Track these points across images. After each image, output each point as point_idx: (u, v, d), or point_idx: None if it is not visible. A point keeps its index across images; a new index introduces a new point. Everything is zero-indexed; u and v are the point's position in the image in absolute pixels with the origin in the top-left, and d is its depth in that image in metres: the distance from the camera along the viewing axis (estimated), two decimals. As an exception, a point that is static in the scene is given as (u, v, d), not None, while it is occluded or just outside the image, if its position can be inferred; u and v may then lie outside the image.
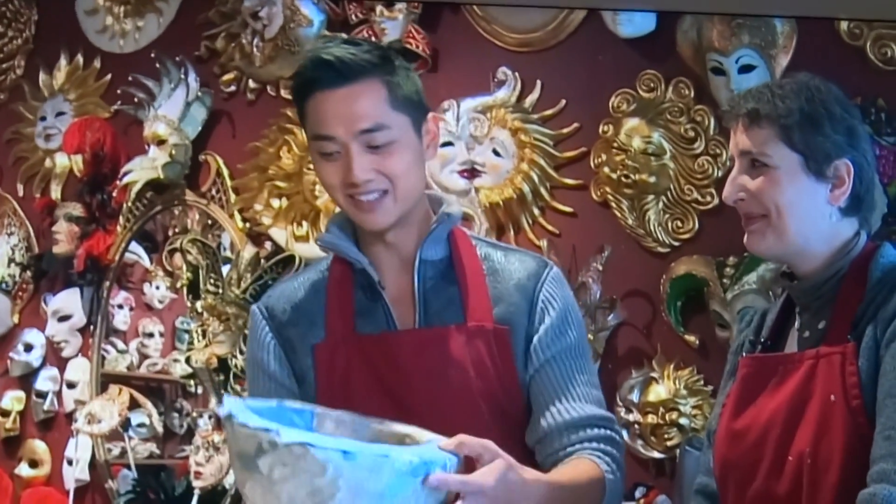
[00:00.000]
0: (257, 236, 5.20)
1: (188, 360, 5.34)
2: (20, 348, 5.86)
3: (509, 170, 4.60)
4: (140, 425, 5.60)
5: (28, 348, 5.86)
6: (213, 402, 5.30)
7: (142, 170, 5.39)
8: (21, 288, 6.03)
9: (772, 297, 3.79)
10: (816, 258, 2.44)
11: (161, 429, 5.63)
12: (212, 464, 4.98)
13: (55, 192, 5.93)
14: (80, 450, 5.52)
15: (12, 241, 6.06)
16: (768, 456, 2.37)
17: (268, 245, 5.16)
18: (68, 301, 5.77)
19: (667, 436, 4.18)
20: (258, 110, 5.32)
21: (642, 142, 4.31)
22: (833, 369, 2.31)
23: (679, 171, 4.29)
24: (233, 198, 5.29)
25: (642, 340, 4.36)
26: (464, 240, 2.56)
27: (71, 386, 5.73)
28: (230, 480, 4.99)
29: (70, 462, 5.57)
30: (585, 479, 2.34)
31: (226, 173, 5.34)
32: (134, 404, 5.50)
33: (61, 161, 5.89)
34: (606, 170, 4.36)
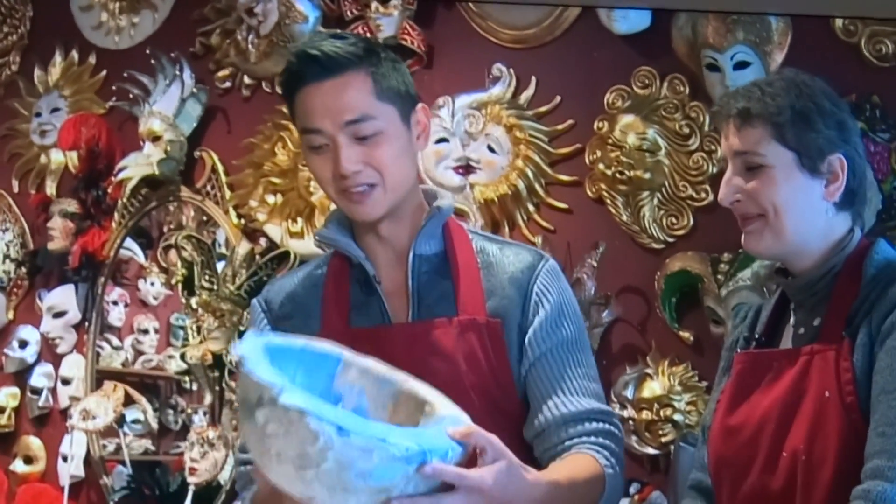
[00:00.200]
0: (252, 233, 5.20)
1: (183, 357, 5.33)
2: (15, 345, 5.86)
3: (504, 166, 4.59)
4: (135, 421, 5.59)
5: (23, 345, 5.86)
6: (207, 398, 5.30)
7: (137, 166, 5.38)
8: (16, 284, 6.03)
9: (766, 293, 3.78)
10: (812, 255, 2.44)
11: (156, 425, 5.61)
12: (206, 460, 4.97)
13: (50, 189, 5.92)
14: (74, 446, 5.51)
15: (7, 237, 6.05)
16: (763, 452, 2.38)
17: (263, 241, 5.15)
18: (63, 297, 5.76)
19: (661, 432, 4.17)
20: (253, 107, 5.31)
21: (637, 138, 4.31)
22: (827, 366, 2.31)
23: (674, 167, 4.29)
24: (228, 194, 5.28)
25: (637, 337, 4.36)
26: (459, 234, 2.57)
27: (66, 382, 5.72)
28: (225, 476, 5.00)
29: (65, 458, 5.56)
30: (584, 476, 2.34)
31: (221, 170, 5.33)
32: (129, 401, 5.48)
33: (56, 157, 5.89)
34: (601, 166, 4.36)
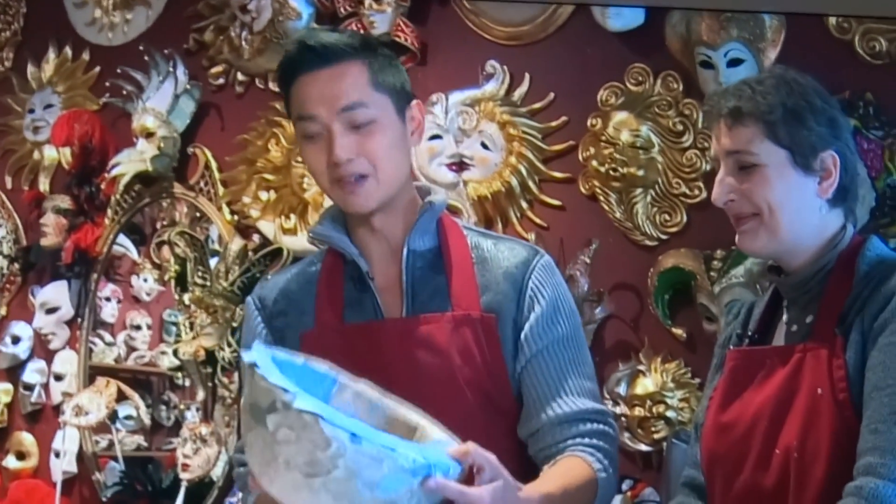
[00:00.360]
0: (245, 229, 5.20)
1: (176, 353, 5.33)
2: (8, 340, 5.86)
3: (498, 163, 4.59)
4: (127, 417, 5.60)
5: (15, 340, 5.85)
6: (200, 394, 5.30)
7: (130, 162, 5.38)
8: (9, 280, 6.02)
9: (759, 290, 3.78)
10: (806, 253, 2.44)
11: (148, 421, 5.61)
12: (199, 456, 4.98)
13: (43, 185, 5.91)
14: (67, 442, 5.51)
15: (0, 233, 6.05)
16: (755, 449, 2.38)
17: (256, 238, 5.15)
18: (56, 293, 5.76)
19: (654, 429, 4.17)
20: (247, 103, 5.31)
21: (630, 135, 4.31)
22: (820, 363, 2.31)
23: (667, 164, 4.29)
24: (221, 190, 5.28)
25: (630, 333, 4.36)
26: (453, 229, 2.57)
27: (58, 378, 5.72)
28: (217, 473, 5.00)
29: (57, 454, 5.55)
30: (577, 483, 2.35)
31: (214, 166, 5.33)
32: (121, 396, 5.48)
33: (49, 153, 5.88)
34: (595, 163, 4.36)
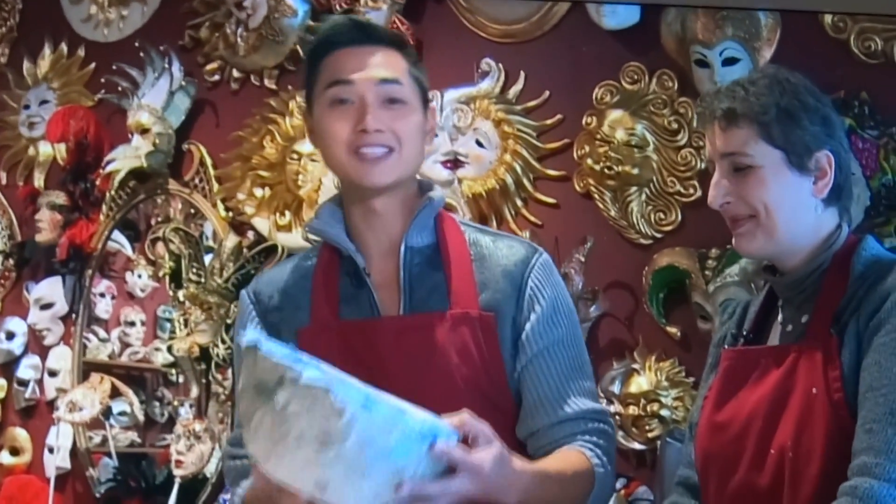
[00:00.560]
0: (240, 226, 5.19)
1: (170, 349, 5.33)
2: (2, 336, 5.85)
3: (492, 161, 4.59)
4: (121, 414, 5.60)
5: (10, 336, 5.85)
6: (194, 391, 5.31)
7: (125, 158, 5.38)
8: (3, 276, 6.01)
9: (754, 289, 3.78)
10: (801, 252, 2.44)
11: (142, 417, 5.62)
12: (193, 452, 4.98)
13: (38, 181, 5.91)
14: (61, 438, 5.51)
15: (-5, 229, 6.06)
16: (750, 449, 2.38)
17: (250, 234, 5.14)
18: (50, 289, 5.76)
19: (648, 427, 4.17)
20: (242, 100, 5.30)
21: (626, 133, 4.30)
22: (815, 363, 2.31)
23: (662, 163, 4.29)
24: (216, 187, 5.27)
25: (624, 332, 4.36)
26: (452, 226, 2.56)
27: (52, 374, 5.72)
28: (211, 469, 5.00)
29: (51, 450, 5.56)
30: (573, 470, 2.36)
31: (209, 163, 5.32)
32: (115, 393, 5.49)
33: (44, 149, 5.87)
34: (590, 161, 4.36)
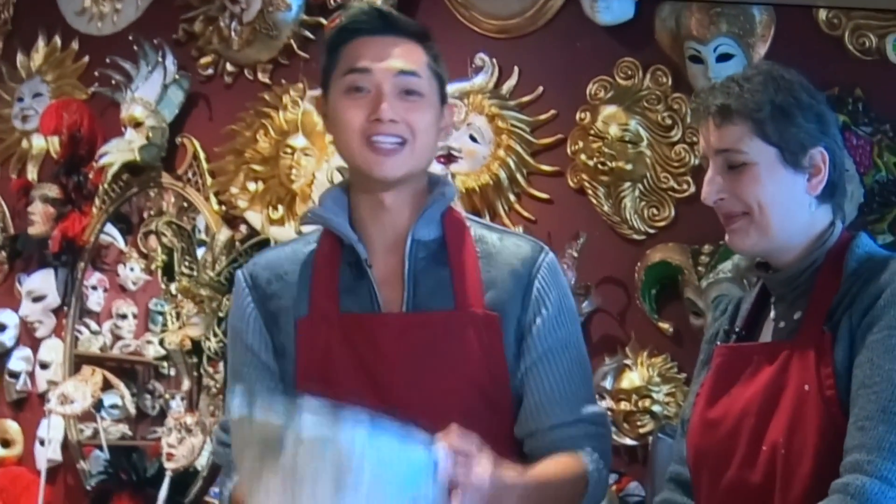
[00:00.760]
0: (232, 219, 5.20)
1: (162, 342, 5.34)
2: (-7, 328, 5.87)
3: (486, 156, 4.59)
4: (112, 406, 5.60)
5: (1, 328, 5.86)
6: (185, 384, 5.31)
7: (118, 152, 5.37)
8: (-5, 268, 6.02)
9: (746, 285, 3.78)
10: (795, 249, 2.43)
11: (133, 410, 5.62)
12: (184, 446, 4.97)
13: (31, 174, 5.91)
14: (52, 430, 5.51)
15: (-13, 221, 6.05)
16: (742, 446, 2.37)
17: (243, 228, 5.15)
18: (43, 282, 5.76)
19: (640, 423, 4.18)
20: (235, 94, 5.31)
21: (619, 129, 4.31)
22: (807, 360, 2.30)
23: (656, 158, 4.29)
24: (209, 181, 5.27)
25: (616, 327, 4.37)
26: (458, 221, 2.53)
27: (44, 366, 5.73)
28: (202, 462, 4.99)
29: (42, 442, 5.56)
30: (567, 475, 2.36)
31: (202, 156, 5.33)
32: (107, 385, 5.48)
33: (38, 142, 5.87)
34: (583, 157, 4.36)
